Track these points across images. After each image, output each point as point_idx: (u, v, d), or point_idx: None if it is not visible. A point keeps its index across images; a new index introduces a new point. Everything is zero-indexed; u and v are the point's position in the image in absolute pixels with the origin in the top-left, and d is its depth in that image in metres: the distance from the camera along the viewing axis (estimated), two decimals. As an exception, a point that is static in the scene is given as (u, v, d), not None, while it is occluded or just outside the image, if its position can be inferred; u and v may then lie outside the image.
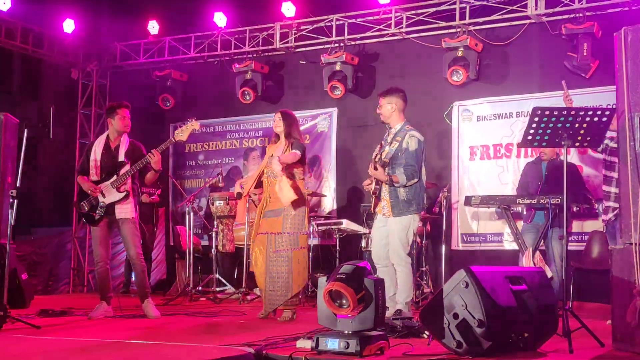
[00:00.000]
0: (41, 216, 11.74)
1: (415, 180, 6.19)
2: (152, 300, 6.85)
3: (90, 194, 6.77)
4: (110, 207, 6.74)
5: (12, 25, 10.91)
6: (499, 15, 9.32)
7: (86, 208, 6.82)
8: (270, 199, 6.58)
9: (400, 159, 6.17)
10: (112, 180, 6.73)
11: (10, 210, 5.87)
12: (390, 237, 6.24)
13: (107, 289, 6.85)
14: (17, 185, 5.95)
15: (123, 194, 6.71)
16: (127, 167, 6.72)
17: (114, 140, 6.89)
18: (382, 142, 6.40)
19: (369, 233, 7.88)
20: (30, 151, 6.14)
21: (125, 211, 6.75)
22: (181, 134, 6.83)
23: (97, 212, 6.77)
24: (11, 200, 5.84)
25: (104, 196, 6.74)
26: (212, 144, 11.32)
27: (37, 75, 15.49)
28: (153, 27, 11.36)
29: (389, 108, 6.37)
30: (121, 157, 6.79)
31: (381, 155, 6.25)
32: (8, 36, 10.90)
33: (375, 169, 6.09)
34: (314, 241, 9.13)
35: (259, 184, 6.79)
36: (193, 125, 6.87)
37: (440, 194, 8.62)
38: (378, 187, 6.24)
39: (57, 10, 11.49)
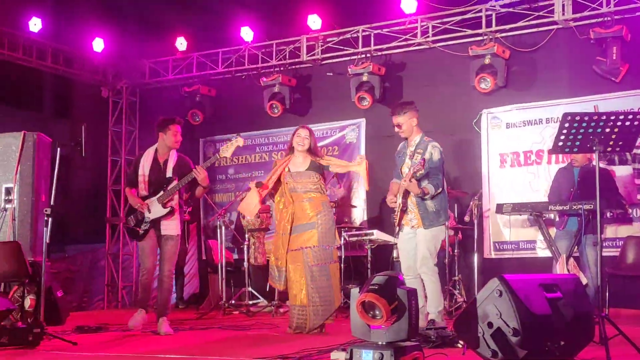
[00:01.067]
0: (74, 233, 11.87)
1: (440, 190, 6.21)
2: (167, 319, 6.75)
3: (137, 209, 6.77)
4: (156, 222, 6.73)
5: (43, 46, 11.11)
6: (525, 21, 9.27)
7: (132, 223, 6.83)
8: (296, 214, 6.56)
9: (424, 170, 6.15)
10: (158, 195, 6.72)
11: (45, 229, 5.93)
12: (419, 248, 6.23)
13: (148, 299, 6.89)
14: (51, 203, 6.03)
15: (168, 210, 6.69)
16: (174, 183, 6.71)
17: (163, 154, 6.86)
18: (398, 156, 6.47)
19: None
20: (62, 169, 6.19)
21: (171, 227, 6.74)
22: (226, 150, 6.77)
23: (141, 227, 6.76)
24: (45, 218, 5.92)
25: (149, 211, 6.72)
26: (242, 158, 11.38)
27: (68, 95, 15.74)
28: (181, 43, 11.49)
29: (411, 124, 6.35)
30: (169, 173, 6.77)
31: (401, 168, 6.34)
32: (39, 57, 11.09)
33: (410, 182, 6.08)
34: (344, 252, 9.11)
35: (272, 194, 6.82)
36: (238, 141, 6.79)
37: (471, 203, 8.58)
38: (405, 200, 6.24)
39: (87, 30, 11.67)
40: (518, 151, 9.36)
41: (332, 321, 6.56)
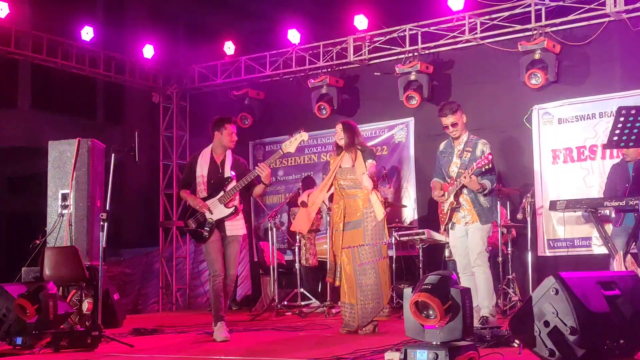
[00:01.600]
0: (128, 237, 12.06)
1: (495, 185, 6.25)
2: (225, 324, 6.49)
3: (198, 210, 6.57)
4: (220, 223, 6.55)
5: (95, 54, 11.32)
6: (576, 15, 9.11)
7: (193, 225, 6.60)
8: (346, 211, 6.58)
9: (490, 165, 6.13)
10: (219, 196, 6.55)
11: (101, 233, 6.05)
12: (475, 243, 6.24)
13: (221, 308, 6.50)
14: (107, 208, 6.14)
15: (231, 210, 6.53)
16: (233, 183, 6.56)
17: (219, 155, 6.71)
18: (443, 155, 6.43)
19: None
20: (116, 175, 6.29)
21: (237, 228, 6.60)
22: (289, 145, 6.65)
23: (204, 229, 6.56)
24: (101, 223, 6.03)
25: (211, 212, 6.54)
26: (291, 160, 11.42)
27: (120, 101, 16.05)
28: (229, 47, 11.59)
29: (463, 122, 6.33)
30: (227, 173, 6.63)
31: (448, 168, 6.33)
32: (92, 65, 11.30)
33: (471, 178, 6.07)
34: (395, 252, 9.08)
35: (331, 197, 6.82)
36: (302, 136, 6.70)
37: (524, 200, 8.46)
38: (457, 198, 6.24)
39: (137, 37, 11.89)
40: (571, 147, 9.21)
41: (387, 317, 6.53)
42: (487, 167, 5.98)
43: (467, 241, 6.29)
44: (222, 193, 6.55)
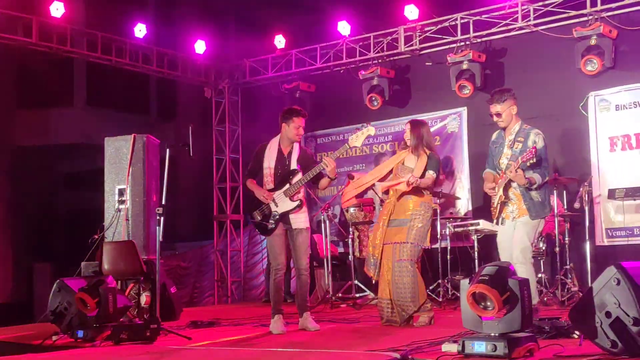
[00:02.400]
0: (183, 231, 12.22)
1: (547, 178, 6.05)
2: (310, 314, 6.62)
3: (262, 201, 6.52)
4: (285, 216, 6.50)
5: (148, 50, 11.50)
6: (633, -2, 8.91)
7: (259, 217, 6.57)
8: (395, 208, 6.53)
9: (536, 158, 5.92)
10: (284, 188, 6.48)
11: (157, 227, 6.13)
12: (520, 238, 6.00)
13: (281, 301, 6.56)
14: (162, 202, 6.21)
15: (296, 203, 6.46)
16: (299, 176, 6.49)
17: (286, 146, 6.64)
18: (494, 146, 6.24)
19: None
20: (170, 170, 6.35)
21: (301, 220, 6.54)
22: (356, 140, 6.58)
23: (269, 221, 6.52)
24: (158, 217, 6.11)
25: (276, 205, 6.50)
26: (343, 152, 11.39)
27: (172, 96, 16.28)
28: (279, 41, 11.64)
29: (510, 112, 6.10)
30: (293, 165, 6.56)
31: (499, 159, 6.13)
32: (145, 61, 11.49)
33: (517, 172, 5.86)
34: (449, 243, 9.02)
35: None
36: (369, 130, 6.59)
37: (581, 189, 8.31)
38: (506, 192, 6.03)
39: (189, 33, 12.03)
40: (629, 134, 9.01)
41: (428, 313, 6.43)
42: (531, 161, 5.74)
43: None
44: (287, 185, 6.49)
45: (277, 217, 6.49)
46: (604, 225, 9.04)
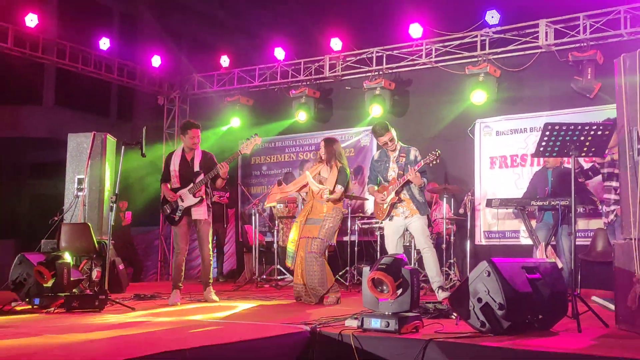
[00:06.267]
0: (133, 218, 11.97)
1: (427, 183, 6.53)
2: (212, 288, 6.78)
3: (169, 200, 6.71)
4: (188, 209, 6.64)
5: (110, 61, 11.22)
6: (514, 45, 9.21)
7: (168, 211, 6.75)
8: (312, 209, 6.57)
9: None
10: (189, 187, 6.64)
11: (110, 213, 6.03)
12: (421, 230, 6.37)
13: (180, 278, 6.70)
14: (116, 192, 6.13)
15: (198, 199, 6.62)
16: (201, 176, 6.63)
17: (189, 152, 6.76)
18: (378, 163, 6.54)
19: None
20: (124, 165, 6.27)
21: (200, 213, 6.65)
22: (245, 148, 6.73)
23: (176, 214, 6.68)
24: (111, 204, 6.03)
25: (182, 201, 6.64)
26: (274, 157, 11.42)
27: (130, 102, 15.89)
28: (224, 60, 11.53)
29: (394, 136, 6.42)
30: (196, 168, 6.68)
31: (386, 173, 6.46)
32: (107, 70, 11.21)
33: (415, 175, 6.23)
34: (357, 237, 9.11)
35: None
36: (255, 140, 6.74)
37: (465, 197, 8.53)
38: (397, 195, 6.35)
39: (147, 48, 11.81)
40: (506, 155, 9.30)
41: (336, 293, 6.46)
42: (434, 163, 6.12)
43: (402, 231, 6.44)
44: (191, 184, 6.65)
45: (182, 210, 6.65)
46: (483, 228, 9.29)
